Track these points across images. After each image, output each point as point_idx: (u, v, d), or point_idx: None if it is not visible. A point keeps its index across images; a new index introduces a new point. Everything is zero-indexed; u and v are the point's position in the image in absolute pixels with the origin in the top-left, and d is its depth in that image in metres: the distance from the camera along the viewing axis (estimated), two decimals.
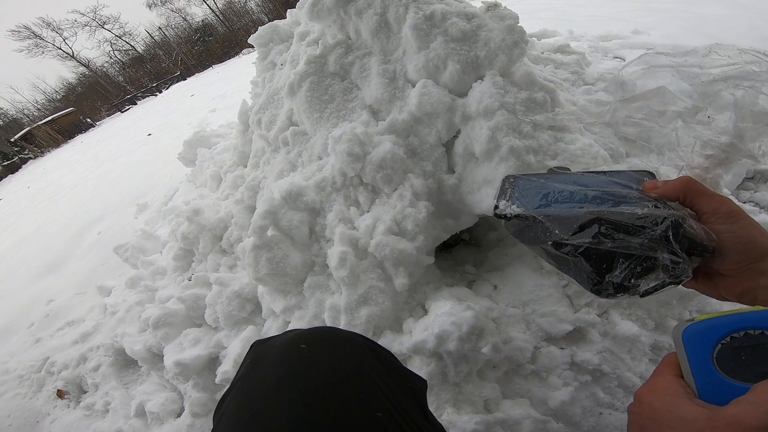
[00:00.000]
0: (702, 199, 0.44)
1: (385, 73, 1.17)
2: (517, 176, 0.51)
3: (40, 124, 21.96)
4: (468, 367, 0.87)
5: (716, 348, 0.38)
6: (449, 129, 1.06)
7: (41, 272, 2.87)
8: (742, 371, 0.38)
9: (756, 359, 0.38)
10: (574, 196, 0.45)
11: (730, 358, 0.38)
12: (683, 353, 0.40)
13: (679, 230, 0.41)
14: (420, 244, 0.96)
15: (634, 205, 0.43)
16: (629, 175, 0.48)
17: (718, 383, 0.38)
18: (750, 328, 0.38)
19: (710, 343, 0.39)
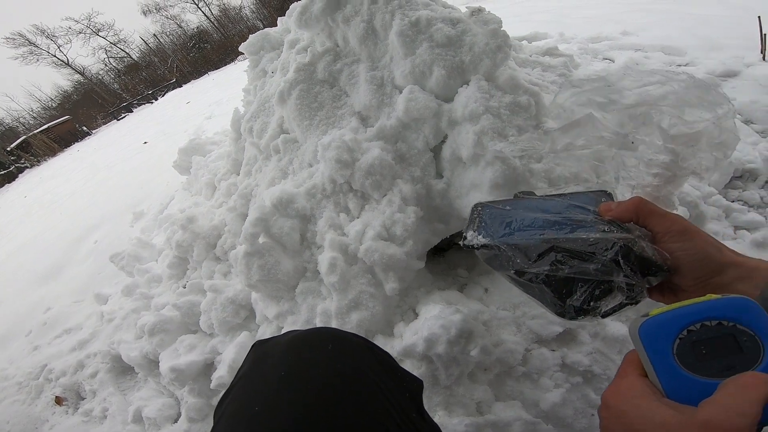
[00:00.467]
0: (654, 218, 0.45)
1: (373, 80, 1.18)
2: (484, 204, 0.52)
3: (36, 133, 21.94)
4: (458, 370, 0.88)
5: (675, 343, 0.38)
6: (436, 134, 1.08)
7: (39, 280, 2.88)
8: (705, 366, 0.37)
9: (716, 352, 0.37)
10: (535, 224, 0.47)
11: (690, 353, 0.38)
12: (643, 351, 0.39)
13: (630, 254, 0.43)
14: (409, 249, 0.97)
15: (589, 229, 0.45)
16: (588, 197, 0.50)
17: (683, 380, 0.37)
18: (706, 320, 0.38)
19: (668, 338, 0.38)
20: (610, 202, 0.48)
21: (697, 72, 2.03)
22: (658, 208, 0.46)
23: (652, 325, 0.39)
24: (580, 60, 2.37)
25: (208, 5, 30.21)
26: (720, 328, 0.38)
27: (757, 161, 1.46)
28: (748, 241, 1.24)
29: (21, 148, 21.17)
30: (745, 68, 2.01)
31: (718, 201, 1.34)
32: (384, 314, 0.98)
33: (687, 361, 0.37)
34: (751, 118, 1.71)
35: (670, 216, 0.46)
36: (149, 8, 30.75)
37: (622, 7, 3.55)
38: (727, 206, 1.33)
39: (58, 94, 36.48)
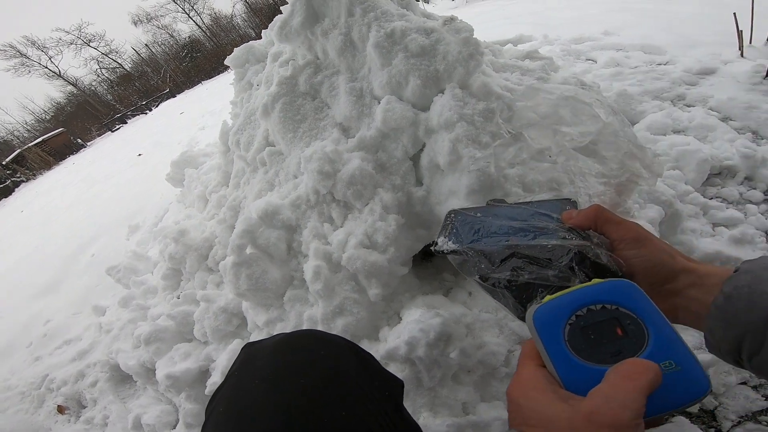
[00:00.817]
0: (610, 226, 0.47)
1: (352, 91, 1.22)
2: (457, 211, 0.55)
3: (31, 146, 21.87)
4: (440, 372, 0.91)
5: (566, 329, 0.38)
6: (414, 143, 1.11)
7: (38, 293, 2.92)
8: (595, 352, 0.37)
9: (603, 337, 0.37)
10: (501, 230, 0.49)
11: (581, 339, 0.37)
12: (538, 339, 0.38)
13: (585, 260, 0.44)
14: (391, 256, 1.00)
15: (550, 237, 0.47)
16: (554, 205, 0.52)
17: (576, 368, 0.36)
18: (590, 304, 0.38)
19: (559, 324, 0.38)
20: (573, 210, 0.50)
21: (674, 70, 2.07)
22: (614, 216, 0.48)
23: (544, 311, 0.39)
24: (563, 62, 2.41)
25: (200, 14, 30.24)
26: (604, 311, 0.38)
27: (734, 158, 1.48)
28: (727, 238, 1.25)
29: (16, 162, 21.10)
30: (723, 65, 2.04)
31: (695, 199, 1.36)
32: (369, 319, 1.01)
33: (578, 347, 0.37)
34: (729, 115, 1.74)
35: (626, 224, 0.47)
36: (140, 18, 30.75)
37: (603, 7, 3.60)
38: (704, 203, 1.35)
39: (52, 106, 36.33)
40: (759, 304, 0.38)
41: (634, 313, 0.38)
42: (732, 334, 0.39)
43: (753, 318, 0.38)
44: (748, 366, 0.40)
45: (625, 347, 0.36)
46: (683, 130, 1.69)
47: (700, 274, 0.44)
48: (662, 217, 1.14)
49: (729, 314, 0.39)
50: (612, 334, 0.37)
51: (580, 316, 0.38)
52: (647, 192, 1.16)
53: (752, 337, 0.38)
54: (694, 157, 1.44)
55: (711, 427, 0.91)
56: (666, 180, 1.33)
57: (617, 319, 0.38)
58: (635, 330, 0.37)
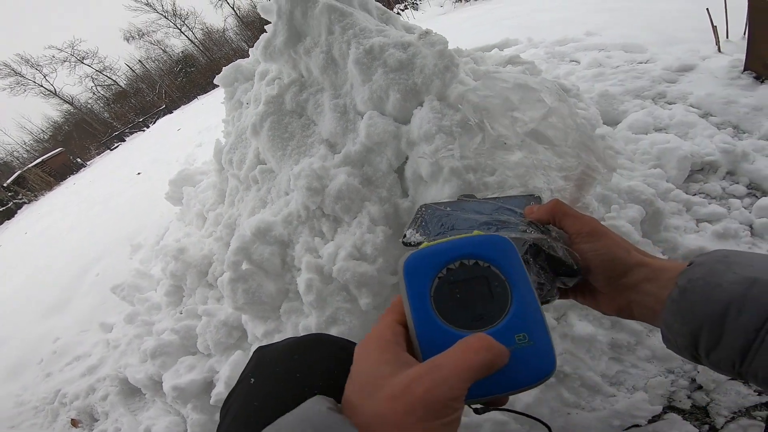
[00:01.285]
0: (568, 220, 0.47)
1: (336, 108, 1.26)
2: (428, 205, 0.55)
3: (31, 167, 21.97)
4: None
5: (434, 283, 0.35)
6: (398, 156, 1.15)
7: (46, 313, 2.98)
8: (457, 314, 0.34)
9: (468, 297, 0.35)
10: (466, 224, 0.49)
11: (447, 296, 0.34)
12: (404, 289, 0.35)
13: (540, 253, 0.44)
14: (381, 266, 1.04)
15: (511, 230, 0.47)
16: (519, 200, 0.53)
17: (435, 329, 0.33)
18: (465, 257, 0.36)
19: (429, 276, 0.35)
20: (534, 205, 0.50)
21: (654, 68, 2.10)
22: (572, 210, 0.48)
23: (417, 258, 0.36)
24: (547, 65, 2.45)
25: (191, 29, 30.47)
26: (476, 268, 0.36)
27: (715, 153, 1.49)
28: (710, 233, 1.25)
29: (17, 184, 21.20)
30: (701, 61, 2.07)
31: (677, 195, 1.37)
32: (361, 327, 1.05)
33: (442, 305, 0.34)
34: (709, 111, 1.76)
35: (583, 218, 0.47)
36: (132, 34, 30.96)
37: (586, 8, 3.65)
38: (687, 200, 1.36)
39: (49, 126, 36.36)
40: (714, 296, 0.36)
41: (505, 275, 0.36)
42: (688, 328, 0.38)
43: (709, 311, 0.36)
44: (705, 361, 0.39)
45: (487, 312, 0.34)
46: (664, 127, 1.71)
47: (654, 268, 0.43)
48: (643, 216, 1.17)
49: (684, 308, 0.38)
50: (478, 295, 0.35)
51: (452, 270, 0.35)
52: (626, 191, 1.20)
53: (709, 330, 0.36)
54: (675, 154, 1.46)
55: (704, 423, 0.91)
56: (647, 179, 1.35)
57: (487, 279, 0.35)
58: (501, 294, 0.35)
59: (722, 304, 0.36)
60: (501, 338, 0.33)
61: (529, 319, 0.35)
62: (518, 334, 0.34)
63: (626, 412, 0.95)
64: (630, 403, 0.96)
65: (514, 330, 0.34)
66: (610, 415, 0.95)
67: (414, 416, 0.28)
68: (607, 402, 0.98)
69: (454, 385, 0.29)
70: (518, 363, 0.33)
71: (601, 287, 0.47)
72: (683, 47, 2.26)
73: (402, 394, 0.29)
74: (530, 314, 0.35)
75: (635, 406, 0.95)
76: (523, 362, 0.33)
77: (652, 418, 0.93)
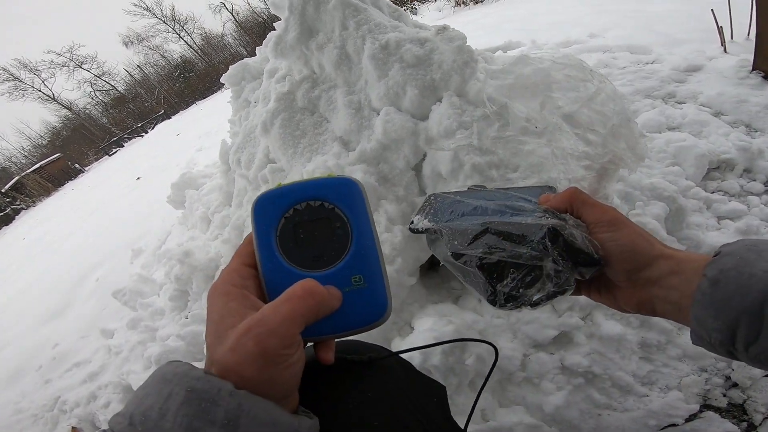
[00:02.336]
0: (586, 208, 0.45)
1: (350, 104, 1.23)
2: (437, 194, 0.54)
3: (29, 173, 21.91)
4: (457, 380, 0.91)
5: (280, 223, 0.35)
6: (416, 153, 1.12)
7: (45, 319, 2.93)
8: (299, 253, 0.35)
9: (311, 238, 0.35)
10: (477, 210, 0.48)
11: (291, 236, 0.35)
12: (254, 229, 0.36)
13: (558, 238, 0.41)
14: (399, 267, 1.00)
15: (525, 216, 0.44)
16: (532, 190, 0.51)
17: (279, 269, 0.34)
18: (311, 198, 0.36)
19: (276, 216, 0.36)
20: (550, 193, 0.49)
21: (662, 69, 2.10)
22: (590, 199, 0.46)
23: (267, 198, 0.36)
24: None
25: (190, 34, 30.56)
26: (321, 210, 0.36)
27: (731, 151, 1.49)
28: (733, 230, 1.25)
29: (15, 189, 21.13)
30: (708, 62, 2.08)
31: (697, 193, 1.36)
32: (380, 330, 1.01)
33: (286, 245, 0.35)
34: (721, 110, 1.76)
35: (602, 206, 0.45)
36: (130, 39, 31.00)
37: (584, 10, 3.66)
38: (706, 198, 1.36)
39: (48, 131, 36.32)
40: (751, 287, 0.34)
41: (347, 216, 0.36)
42: (724, 322, 0.35)
43: (746, 303, 0.34)
44: (744, 356, 0.36)
45: (328, 253, 0.35)
46: (677, 126, 1.71)
47: (679, 260, 0.41)
48: (667, 213, 1.15)
49: (718, 300, 0.35)
50: (320, 236, 0.36)
51: (298, 211, 0.36)
52: (649, 188, 1.17)
53: (748, 323, 0.34)
54: (692, 152, 1.45)
55: (742, 420, 0.90)
56: (666, 176, 1.33)
57: (330, 220, 0.36)
58: (342, 236, 0.36)
59: (760, 294, 0.33)
60: (337, 279, 0.35)
61: (366, 262, 0.36)
62: (354, 276, 0.35)
63: (662, 411, 0.93)
64: (665, 402, 0.94)
65: (351, 271, 0.35)
66: (645, 415, 0.93)
67: (252, 367, 0.30)
68: (641, 402, 0.96)
69: (282, 334, 0.31)
70: (352, 305, 0.35)
71: (621, 281, 0.44)
72: (688, 48, 2.26)
73: (237, 347, 0.30)
74: (368, 257, 0.36)
75: (671, 405, 0.93)
76: (358, 305, 0.35)
77: (689, 417, 0.92)
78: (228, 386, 0.30)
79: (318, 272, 0.35)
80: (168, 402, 0.29)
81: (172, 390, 0.29)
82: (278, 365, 0.31)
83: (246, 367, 0.30)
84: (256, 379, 0.30)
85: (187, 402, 0.29)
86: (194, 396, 0.29)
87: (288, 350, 0.31)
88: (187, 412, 0.28)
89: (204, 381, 0.30)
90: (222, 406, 0.29)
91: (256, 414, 0.29)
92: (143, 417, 0.29)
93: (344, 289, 0.35)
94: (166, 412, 0.28)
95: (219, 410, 0.29)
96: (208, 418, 0.28)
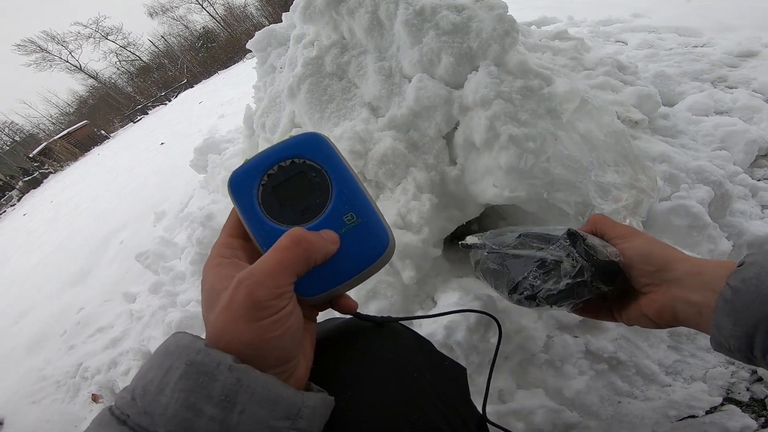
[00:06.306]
0: (607, 227, 0.50)
1: (381, 71, 1.18)
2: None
3: (56, 139, 22.54)
4: (479, 358, 0.89)
5: (259, 191, 0.37)
6: (448, 121, 1.07)
7: (70, 282, 2.99)
8: (285, 212, 0.36)
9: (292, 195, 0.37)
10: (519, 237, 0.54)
11: (273, 199, 0.37)
12: (235, 205, 0.37)
13: (576, 238, 0.46)
14: (426, 237, 0.98)
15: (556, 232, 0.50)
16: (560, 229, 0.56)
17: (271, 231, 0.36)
18: (279, 161, 0.37)
19: (253, 186, 0.37)
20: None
21: (714, 52, 1.98)
22: (611, 221, 0.51)
23: (239, 173, 0.38)
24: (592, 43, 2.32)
25: (212, 5, 30.29)
26: (293, 167, 0.37)
27: None
28: None
29: (43, 154, 21.82)
30: (764, 48, 1.94)
31: (744, 180, 1.29)
32: (403, 303, 0.99)
33: (271, 208, 0.36)
34: None
35: (621, 225, 0.50)
36: (155, 10, 31.01)
37: None
38: (753, 185, 1.29)
39: (75, 100, 37.33)
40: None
41: (321, 165, 0.37)
42: (742, 329, 0.37)
43: (765, 310, 0.35)
44: (762, 362, 0.38)
45: (312, 203, 0.36)
46: (726, 111, 1.61)
47: (699, 263, 0.43)
48: (711, 198, 1.08)
49: (738, 308, 0.37)
50: (300, 190, 0.37)
51: (272, 175, 0.37)
52: (695, 171, 1.11)
53: (765, 331, 0.35)
54: (743, 137, 1.36)
55: (761, 416, 0.87)
56: (714, 160, 1.26)
57: (304, 173, 0.37)
58: (321, 183, 0.37)
59: None
60: (330, 223, 0.36)
61: (352, 198, 0.37)
62: (346, 215, 0.36)
63: (683, 402, 0.90)
64: (688, 393, 0.91)
65: (341, 211, 0.36)
66: (666, 405, 0.90)
67: (243, 320, 0.30)
68: (663, 392, 0.93)
69: (270, 285, 0.31)
70: (353, 244, 0.36)
71: (643, 286, 0.46)
72: (741, 34, 2.12)
73: (230, 303, 0.30)
74: (353, 194, 0.37)
75: (693, 396, 0.90)
76: (358, 242, 0.36)
77: (710, 410, 0.89)
78: (227, 360, 0.29)
79: (310, 223, 0.36)
80: (167, 376, 0.29)
81: (172, 363, 0.29)
82: (267, 317, 0.30)
83: (239, 325, 0.30)
84: (250, 338, 0.30)
85: (185, 376, 0.28)
86: (193, 370, 0.28)
87: (278, 301, 0.31)
88: (185, 387, 0.28)
89: (204, 354, 0.29)
90: (220, 380, 0.28)
91: (255, 389, 0.28)
92: (143, 391, 0.29)
93: (340, 230, 0.36)
94: (165, 387, 0.28)
95: (216, 385, 0.28)
96: (205, 393, 0.28)
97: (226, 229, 0.38)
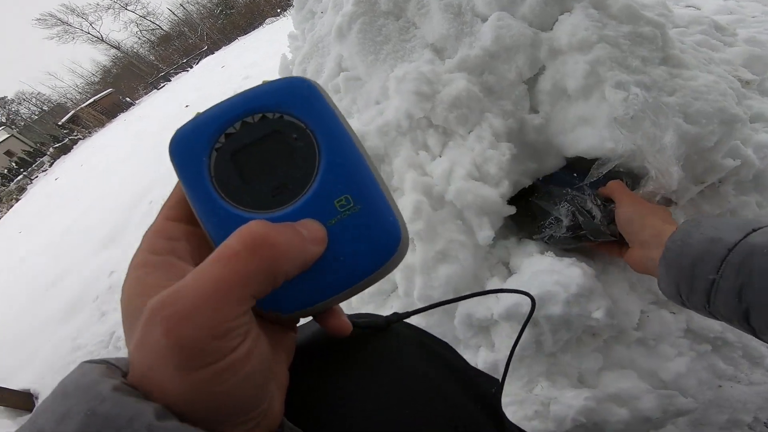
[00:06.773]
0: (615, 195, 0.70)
1: (448, 8, 1.02)
2: None
3: (84, 107, 23.04)
4: (568, 335, 0.77)
5: (212, 158, 0.25)
6: (532, 65, 0.92)
7: (102, 245, 3.01)
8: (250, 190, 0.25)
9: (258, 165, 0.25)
10: None
11: (231, 170, 0.25)
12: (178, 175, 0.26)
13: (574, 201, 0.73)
14: (505, 191, 0.84)
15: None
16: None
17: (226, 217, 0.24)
18: (245, 114, 0.25)
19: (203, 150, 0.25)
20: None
21: None
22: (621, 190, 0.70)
23: (185, 132, 0.26)
24: None
25: None
26: (264, 124, 0.25)
27: None
28: None
29: (72, 122, 22.43)
30: None
31: None
32: (473, 268, 0.87)
33: (227, 183, 0.25)
34: None
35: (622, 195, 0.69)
36: None
37: None
38: None
39: (99, 69, 38.03)
40: (686, 252, 0.49)
41: (305, 122, 0.25)
42: (672, 278, 0.51)
43: (684, 264, 0.49)
44: (689, 305, 0.51)
45: (291, 177, 0.25)
46: None
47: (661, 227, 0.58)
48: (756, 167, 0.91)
49: (668, 262, 0.52)
50: (272, 157, 0.25)
51: (232, 136, 0.25)
52: None
53: (684, 280, 0.49)
54: None
55: None
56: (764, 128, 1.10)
57: (281, 134, 0.25)
58: (305, 149, 0.25)
59: (691, 259, 0.48)
60: (315, 210, 0.25)
61: (350, 173, 0.25)
62: (338, 198, 0.25)
63: None
64: None
65: (332, 192, 0.25)
66: None
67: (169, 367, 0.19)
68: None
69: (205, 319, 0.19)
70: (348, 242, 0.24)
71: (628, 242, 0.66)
72: None
73: (143, 342, 0.20)
74: (351, 166, 0.25)
75: None
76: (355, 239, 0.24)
77: None
78: (147, 413, 0.19)
79: (285, 208, 0.25)
80: (61, 426, 0.19)
81: (70, 409, 0.20)
82: (211, 365, 0.19)
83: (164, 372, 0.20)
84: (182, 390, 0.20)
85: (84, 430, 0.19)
86: (95, 423, 0.19)
87: (222, 341, 0.20)
88: None
89: (111, 402, 0.19)
90: None
91: None
92: None
93: (329, 221, 0.25)
94: None
95: None
96: None
97: (164, 210, 0.27)
